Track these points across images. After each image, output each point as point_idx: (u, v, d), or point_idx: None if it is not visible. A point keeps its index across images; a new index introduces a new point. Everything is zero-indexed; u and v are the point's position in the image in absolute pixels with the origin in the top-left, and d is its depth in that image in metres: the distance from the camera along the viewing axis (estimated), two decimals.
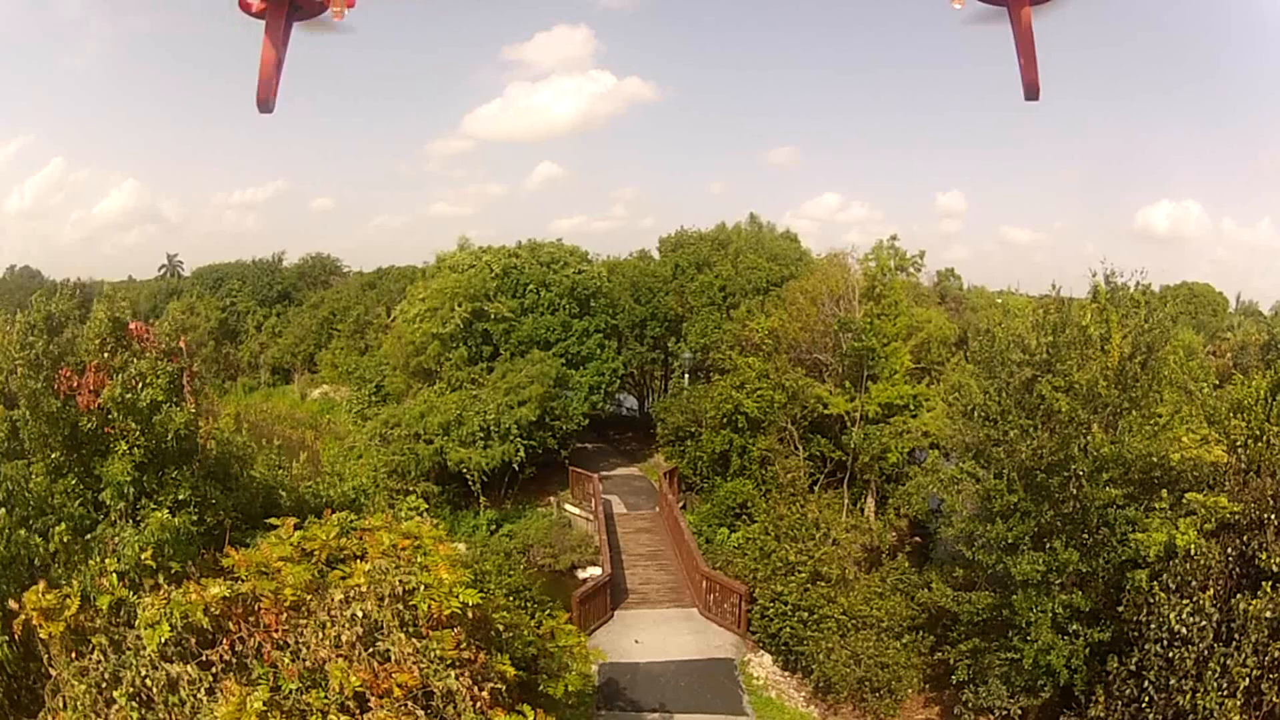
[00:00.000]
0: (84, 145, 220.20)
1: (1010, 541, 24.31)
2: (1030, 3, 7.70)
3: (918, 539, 44.65)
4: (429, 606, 11.50)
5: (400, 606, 11.54)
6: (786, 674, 30.87)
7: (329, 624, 11.25)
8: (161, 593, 11.57)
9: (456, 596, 11.56)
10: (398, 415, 51.73)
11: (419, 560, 12.38)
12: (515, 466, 48.86)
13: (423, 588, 11.65)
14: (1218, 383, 30.14)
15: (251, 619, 11.34)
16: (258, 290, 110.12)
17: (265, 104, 7.75)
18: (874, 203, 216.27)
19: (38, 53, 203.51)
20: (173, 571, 13.49)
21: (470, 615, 12.03)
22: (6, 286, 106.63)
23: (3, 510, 14.62)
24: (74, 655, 11.43)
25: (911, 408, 43.95)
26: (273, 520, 13.92)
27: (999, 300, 69.54)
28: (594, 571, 43.09)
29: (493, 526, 49.25)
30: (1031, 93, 7.86)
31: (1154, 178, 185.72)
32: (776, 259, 63.51)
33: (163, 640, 10.69)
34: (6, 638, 12.32)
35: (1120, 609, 22.80)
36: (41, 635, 11.42)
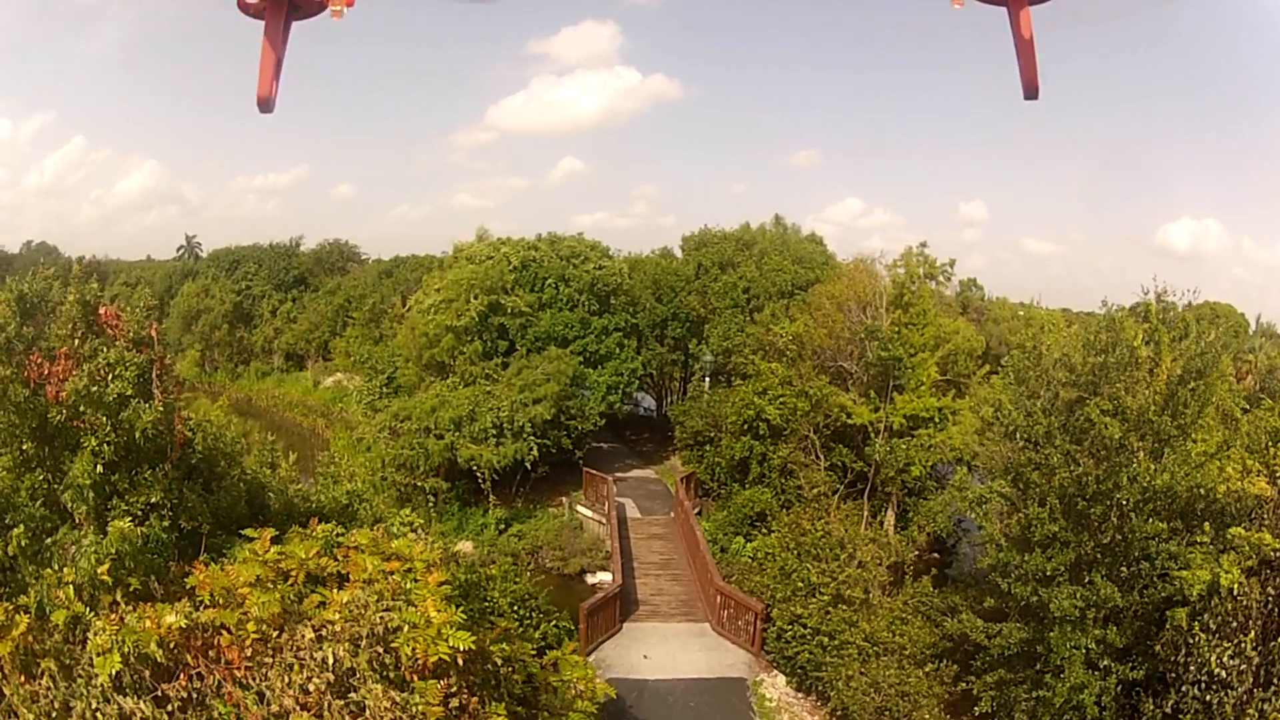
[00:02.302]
0: (105, 126, 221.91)
1: (1048, 573, 23.31)
2: (1030, 2, 7.38)
3: (936, 555, 44.03)
4: (413, 650, 10.44)
5: (380, 649, 10.60)
6: (800, 696, 30.02)
7: (297, 666, 10.39)
8: (115, 615, 10.94)
9: (446, 640, 10.39)
10: (409, 408, 51.27)
11: (407, 588, 11.42)
12: (528, 465, 48.40)
13: (407, 627, 10.57)
14: (1245, 407, 29.74)
15: (212, 652, 10.61)
16: (274, 274, 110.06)
17: (265, 103, 7.53)
18: (896, 209, 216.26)
19: (58, 33, 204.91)
20: (131, 589, 12.67)
21: (461, 661, 10.92)
22: (22, 262, 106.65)
23: None
24: (24, 678, 10.85)
25: (937, 421, 43.22)
26: (249, 532, 13.19)
27: (1021, 313, 69.04)
28: (604, 577, 42.68)
29: (501, 526, 48.67)
30: (1030, 92, 7.50)
31: (1175, 194, 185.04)
32: (802, 262, 62.81)
33: (114, 671, 10.02)
34: None
35: (1155, 647, 22.12)
36: None
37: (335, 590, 11.66)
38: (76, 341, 17.88)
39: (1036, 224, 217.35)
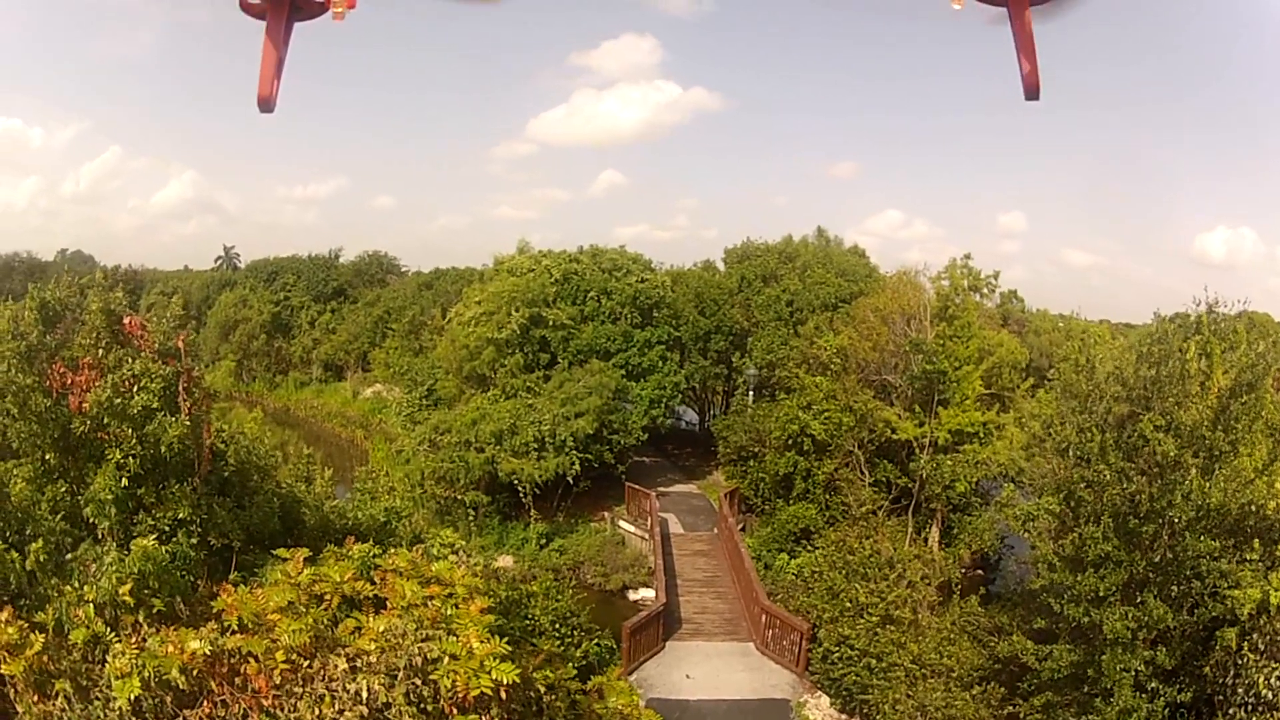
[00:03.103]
0: (142, 135, 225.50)
1: (1100, 594, 23.09)
2: (1031, 2, 7.43)
3: (980, 571, 43.82)
4: (453, 682, 9.74)
5: (418, 681, 9.96)
6: (844, 718, 29.96)
7: (328, 699, 9.79)
8: (135, 638, 10.48)
9: (488, 673, 9.68)
10: (449, 421, 51.37)
11: (447, 615, 10.73)
12: (569, 479, 48.21)
13: (447, 658, 9.88)
14: None
15: (238, 680, 9.99)
16: (313, 285, 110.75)
17: (266, 103, 7.66)
18: (935, 220, 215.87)
19: (93, 42, 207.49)
20: (155, 610, 12.06)
21: (504, 695, 10.11)
22: (56, 270, 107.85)
23: None
24: (38, 698, 10.44)
25: (981, 436, 43.10)
26: (282, 552, 12.58)
27: (1061, 325, 68.77)
28: (646, 593, 42.72)
29: (543, 540, 48.74)
30: (1031, 93, 7.57)
31: (1210, 202, 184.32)
32: (845, 274, 62.79)
33: (134, 696, 9.47)
34: None
35: (1204, 668, 21.97)
36: (2, 671, 10.32)
37: (371, 615, 10.99)
38: (101, 351, 17.85)
39: (1076, 235, 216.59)
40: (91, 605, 11.32)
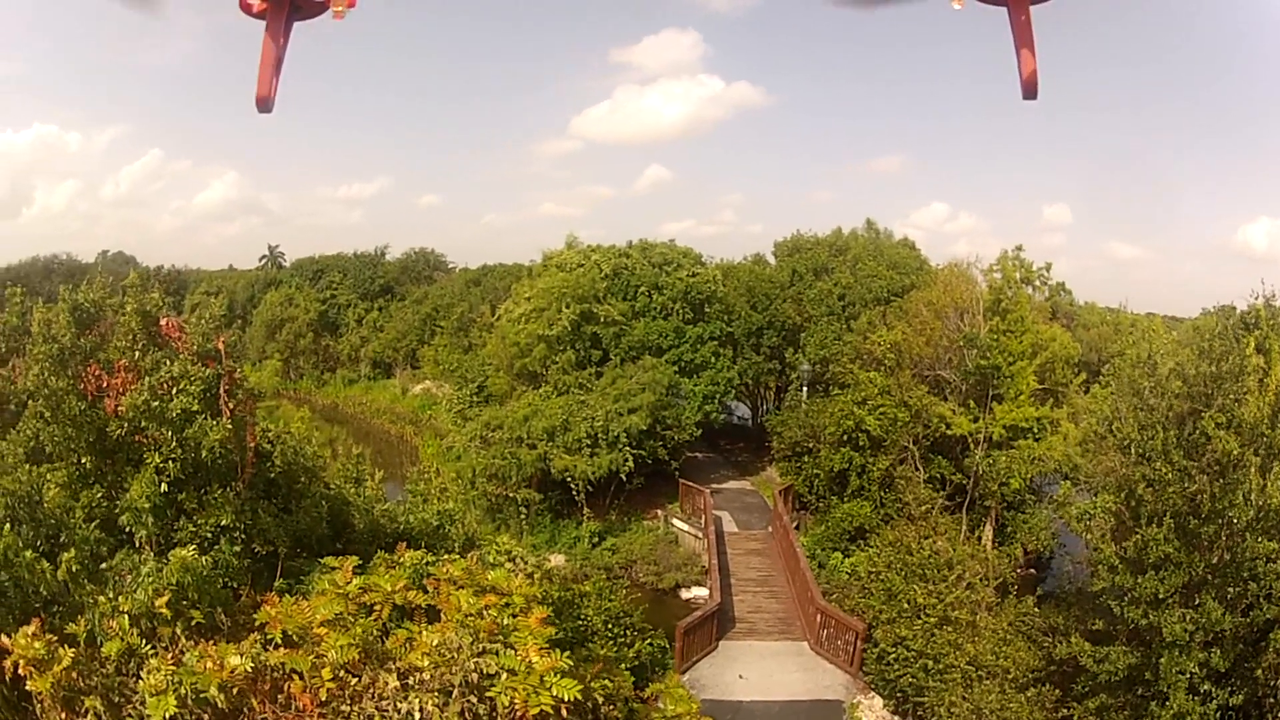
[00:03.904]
0: (183, 138, 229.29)
1: (1160, 595, 23.13)
2: (1031, 2, 7.60)
3: (1032, 570, 43.96)
4: (511, 699, 9.04)
5: (473, 699, 9.31)
6: None
7: (377, 717, 9.27)
8: (173, 652, 10.00)
9: (549, 689, 8.96)
10: (500, 418, 51.43)
11: (505, 627, 9.96)
12: (622, 476, 48.26)
13: (505, 674, 9.21)
14: None
15: (281, 697, 9.52)
16: (359, 283, 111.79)
17: (265, 103, 7.91)
18: (980, 213, 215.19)
19: (129, 47, 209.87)
20: (194, 623, 11.56)
21: (565, 712, 9.30)
22: (98, 270, 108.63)
23: (7, 527, 13.14)
24: (67, 714, 9.96)
25: (1035, 431, 43.15)
26: (330, 561, 11.97)
27: (1110, 319, 68.66)
28: (698, 592, 42.92)
29: (595, 538, 48.91)
30: (1030, 91, 7.75)
31: (1251, 194, 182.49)
32: (896, 267, 63.08)
33: (169, 714, 8.94)
34: None
35: (1255, 670, 22.13)
36: (28, 687, 9.83)
37: (424, 626, 10.35)
38: (137, 354, 17.62)
39: (1122, 227, 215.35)
40: (126, 616, 10.83)
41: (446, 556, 13.11)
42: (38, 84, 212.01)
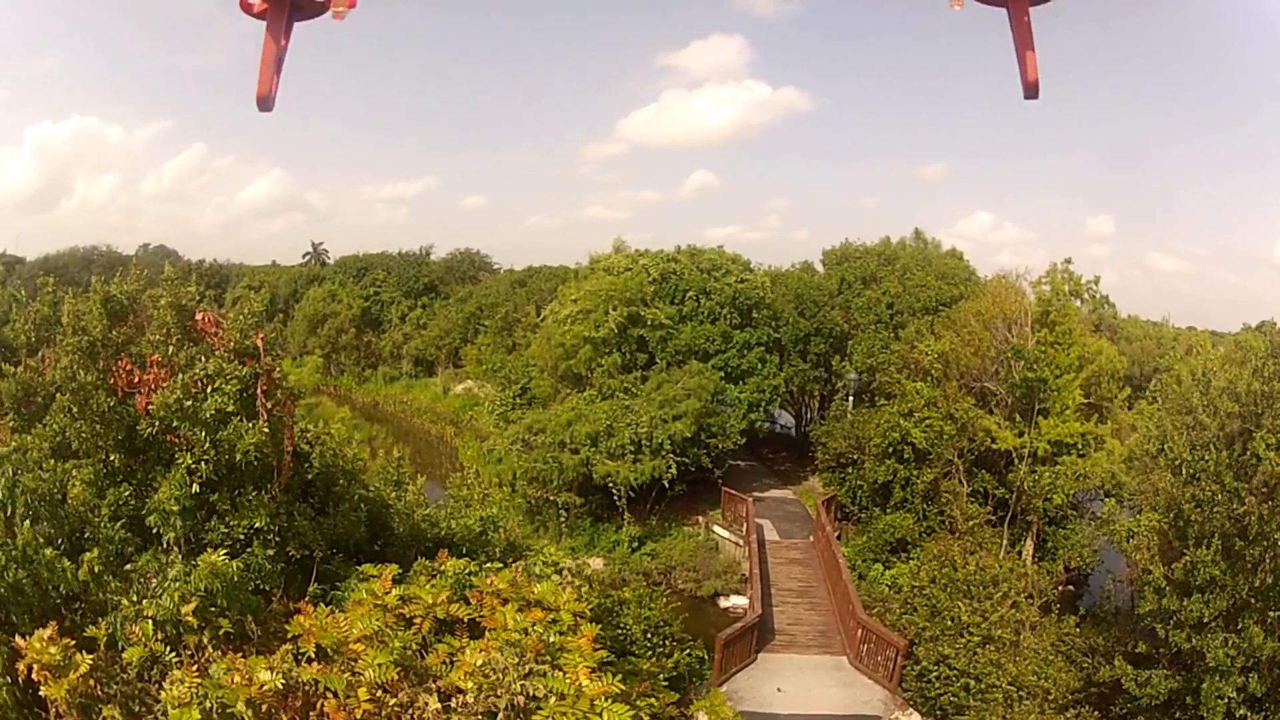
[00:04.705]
0: (226, 135, 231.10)
1: (1204, 619, 23.13)
2: (1031, 3, 7.92)
3: (1070, 587, 43.83)
4: None
5: None
6: None
7: None
8: (198, 663, 10.00)
9: (599, 714, 8.77)
10: (543, 421, 51.61)
11: (552, 646, 9.80)
12: (665, 483, 48.17)
13: (553, 698, 8.97)
14: None
15: (313, 715, 9.27)
16: (403, 281, 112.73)
17: (265, 102, 8.10)
18: (1024, 224, 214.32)
19: (172, 44, 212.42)
20: (222, 631, 11.60)
21: None
22: (137, 264, 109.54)
23: (27, 524, 12.69)
24: None
25: (1080, 447, 43.05)
26: (368, 569, 11.96)
27: (1152, 332, 68.33)
28: (737, 600, 43.19)
29: (634, 543, 49.07)
30: (1030, 93, 8.04)
31: None
32: (944, 277, 63.04)
33: None
34: (8, 680, 10.63)
35: None
36: (43, 693, 9.80)
37: (465, 639, 10.34)
38: (171, 349, 16.88)
39: (1165, 239, 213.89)
40: (150, 621, 10.97)
41: (489, 565, 13.03)
42: (78, 78, 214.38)
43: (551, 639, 9.88)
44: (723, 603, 44.48)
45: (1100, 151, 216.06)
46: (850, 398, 57.34)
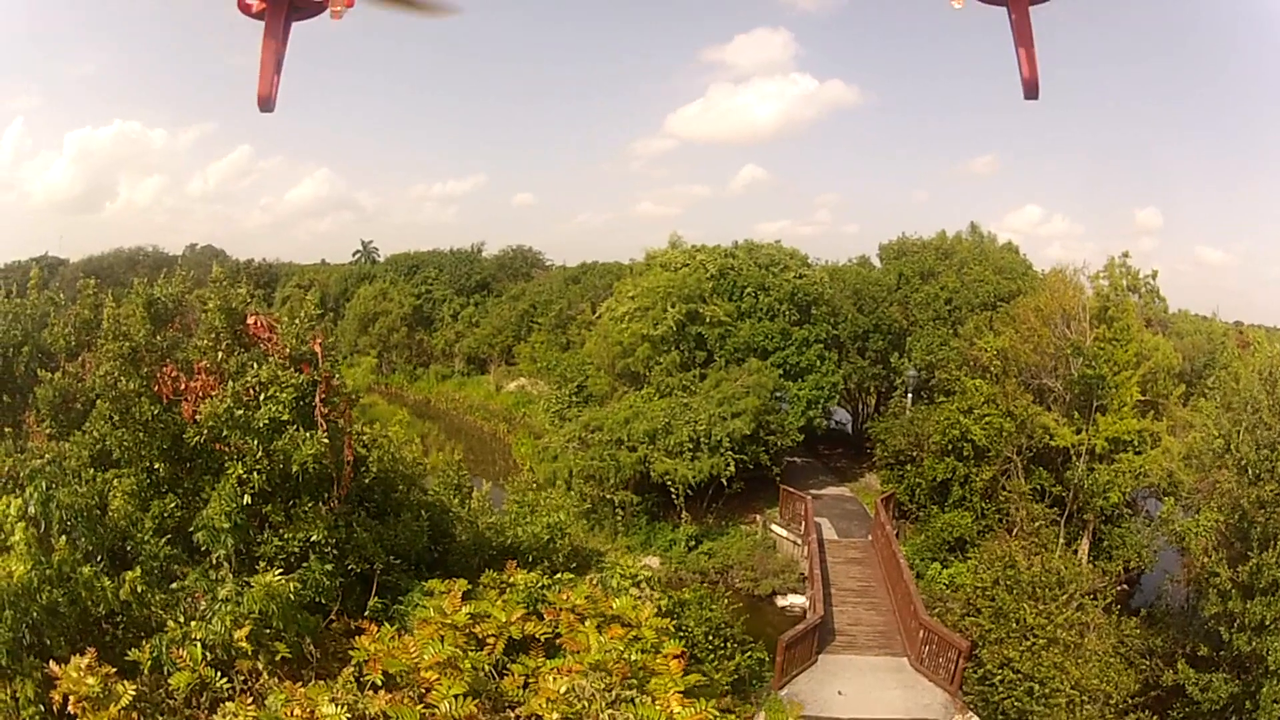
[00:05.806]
0: (273, 135, 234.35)
1: (1267, 622, 23.38)
2: (1031, 2, 8.09)
3: (1124, 586, 43.60)
4: None
5: None
6: None
7: None
8: (252, 691, 9.90)
9: None
10: (600, 419, 51.93)
11: (635, 663, 9.59)
12: (723, 481, 48.38)
13: None
14: None
15: None
16: (455, 279, 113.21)
17: (265, 102, 8.39)
18: (1074, 217, 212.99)
19: (212, 48, 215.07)
20: (278, 657, 11.46)
21: None
22: (185, 264, 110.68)
23: (64, 540, 12.34)
24: None
25: (1137, 444, 43.14)
26: (434, 584, 11.93)
27: (1203, 327, 67.67)
28: (795, 599, 43.52)
29: (691, 542, 49.27)
30: (1031, 91, 8.23)
31: None
32: (1002, 272, 62.90)
33: None
34: (40, 709, 10.45)
35: None
36: None
37: (540, 658, 10.17)
38: (220, 355, 16.77)
39: (1213, 232, 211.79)
40: (199, 645, 10.74)
41: (560, 578, 12.98)
42: (117, 83, 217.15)
43: (634, 657, 9.70)
44: (780, 601, 44.75)
45: (1150, 145, 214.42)
46: (909, 394, 57.55)
